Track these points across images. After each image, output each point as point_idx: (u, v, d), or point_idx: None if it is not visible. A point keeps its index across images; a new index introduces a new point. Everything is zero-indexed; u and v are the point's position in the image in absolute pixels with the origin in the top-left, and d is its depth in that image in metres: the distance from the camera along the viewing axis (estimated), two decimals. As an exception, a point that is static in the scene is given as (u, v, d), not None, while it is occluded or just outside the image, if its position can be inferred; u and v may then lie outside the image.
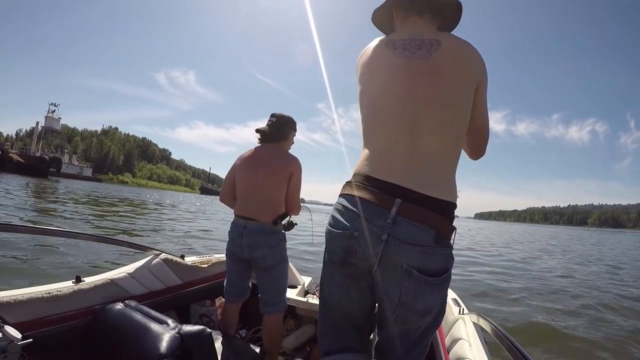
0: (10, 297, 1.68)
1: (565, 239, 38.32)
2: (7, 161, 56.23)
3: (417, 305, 1.17)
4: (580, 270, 12.66)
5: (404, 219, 1.13)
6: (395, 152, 1.22)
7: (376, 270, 1.18)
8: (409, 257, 1.13)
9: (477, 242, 22.34)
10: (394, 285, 1.17)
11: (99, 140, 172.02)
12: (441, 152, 1.22)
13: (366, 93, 1.36)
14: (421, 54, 1.25)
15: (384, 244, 1.14)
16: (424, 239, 1.13)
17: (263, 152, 2.46)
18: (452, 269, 1.22)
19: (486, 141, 1.42)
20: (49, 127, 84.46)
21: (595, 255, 19.39)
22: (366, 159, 1.30)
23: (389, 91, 1.29)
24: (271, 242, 2.34)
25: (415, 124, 1.21)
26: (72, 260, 6.25)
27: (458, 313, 2.20)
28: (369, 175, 1.25)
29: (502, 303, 6.88)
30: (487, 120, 1.38)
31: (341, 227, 1.25)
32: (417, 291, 1.15)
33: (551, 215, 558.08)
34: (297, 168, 2.41)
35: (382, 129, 1.28)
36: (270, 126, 2.48)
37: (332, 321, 1.40)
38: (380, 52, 1.34)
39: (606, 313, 6.74)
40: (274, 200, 2.38)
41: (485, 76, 1.30)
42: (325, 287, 1.40)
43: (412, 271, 1.13)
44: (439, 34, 1.30)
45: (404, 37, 1.31)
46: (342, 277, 1.30)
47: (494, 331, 1.46)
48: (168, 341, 1.51)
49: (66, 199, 21.03)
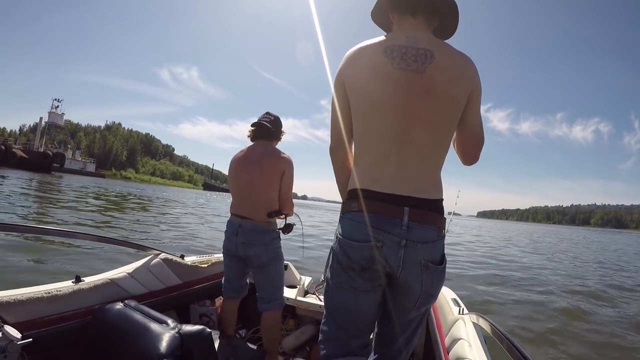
0: (10, 296, 1.68)
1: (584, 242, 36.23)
2: (11, 156, 56.26)
3: (434, 290, 1.37)
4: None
5: (415, 223, 1.28)
6: (387, 167, 1.32)
7: (401, 272, 1.31)
8: (424, 254, 1.30)
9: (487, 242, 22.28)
10: (415, 279, 1.32)
11: (102, 135, 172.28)
12: (429, 161, 1.34)
13: (362, 105, 1.36)
14: (417, 67, 1.28)
15: (404, 248, 1.28)
16: (431, 236, 1.31)
17: (255, 151, 2.49)
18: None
19: (479, 148, 1.47)
20: (53, 122, 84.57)
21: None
22: (361, 174, 1.38)
23: (383, 107, 1.32)
24: (265, 240, 2.39)
25: (404, 139, 1.30)
26: (71, 259, 6.25)
27: (458, 313, 2.20)
28: (371, 189, 1.33)
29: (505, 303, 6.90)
30: (479, 128, 1.43)
31: (361, 239, 1.32)
32: (433, 279, 1.34)
33: (554, 214, 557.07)
34: (288, 166, 2.45)
35: (374, 144, 1.35)
36: (269, 123, 2.52)
37: (343, 327, 1.44)
38: (378, 61, 1.33)
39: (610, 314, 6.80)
40: (267, 199, 2.42)
41: (478, 87, 1.35)
42: (338, 293, 1.42)
43: (428, 264, 1.31)
44: (434, 43, 1.33)
45: (401, 44, 1.32)
46: (363, 280, 1.35)
47: (494, 331, 1.48)
48: (168, 341, 1.52)
49: (70, 194, 21.07)
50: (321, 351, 1.47)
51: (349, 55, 1.40)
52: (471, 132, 1.42)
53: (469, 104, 1.35)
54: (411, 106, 1.28)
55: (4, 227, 1.88)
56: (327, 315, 1.49)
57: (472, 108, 1.37)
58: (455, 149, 1.52)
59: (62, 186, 29.02)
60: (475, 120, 1.40)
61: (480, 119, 1.42)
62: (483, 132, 1.45)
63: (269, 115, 2.57)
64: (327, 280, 1.47)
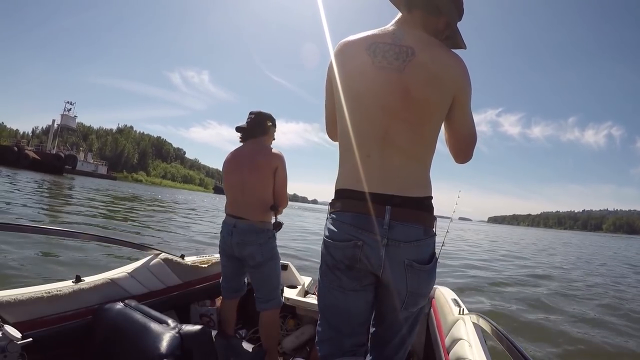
0: (10, 296, 1.68)
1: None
2: (23, 158, 56.76)
3: (421, 291, 1.33)
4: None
5: (397, 222, 1.26)
6: (369, 166, 1.30)
7: (383, 271, 1.29)
8: (407, 253, 1.27)
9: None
10: (399, 279, 1.29)
11: (114, 138, 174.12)
12: (412, 160, 1.30)
13: (344, 103, 1.35)
14: (397, 65, 1.25)
15: (386, 247, 1.26)
16: (416, 235, 1.28)
17: (245, 150, 2.51)
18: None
19: (471, 147, 1.43)
20: (65, 125, 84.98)
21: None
22: (346, 174, 1.38)
23: (364, 106, 1.31)
24: (259, 240, 2.40)
25: (385, 139, 1.28)
26: (72, 259, 6.26)
27: (458, 313, 2.19)
28: (353, 189, 1.32)
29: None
30: (469, 128, 1.39)
31: (343, 238, 1.32)
32: (419, 279, 1.30)
33: (565, 220, 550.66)
34: (280, 162, 2.45)
35: (356, 143, 1.33)
36: (249, 123, 2.53)
37: (335, 327, 1.43)
38: (360, 59, 1.31)
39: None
40: (261, 197, 2.42)
41: (464, 88, 1.30)
42: (328, 293, 1.42)
43: (412, 264, 1.27)
44: (419, 41, 1.28)
45: (385, 41, 1.29)
46: (349, 279, 1.35)
47: (494, 331, 1.48)
48: (168, 341, 1.51)
49: (80, 196, 21.24)
50: (318, 352, 1.47)
51: (337, 50, 1.39)
52: (460, 133, 1.39)
53: (455, 105, 1.30)
54: (390, 105, 1.26)
55: (4, 227, 1.87)
56: (320, 316, 1.48)
57: (459, 109, 1.32)
58: (447, 146, 1.49)
59: (75, 188, 29.22)
60: (463, 121, 1.36)
61: (470, 119, 1.37)
62: (474, 131, 1.40)
63: (251, 114, 2.57)
64: (318, 280, 1.47)
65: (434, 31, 1.37)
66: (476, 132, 1.42)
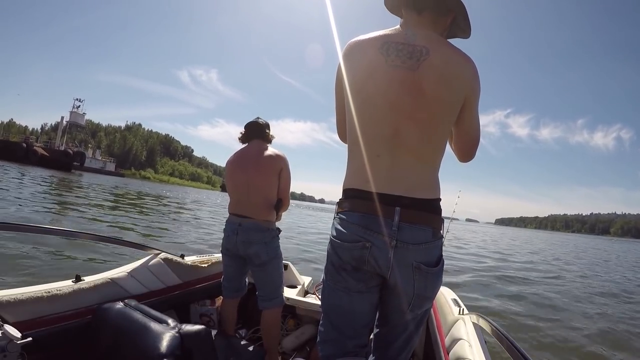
0: (9, 296, 1.68)
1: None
2: (32, 154, 56.99)
3: (428, 293, 1.33)
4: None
5: (406, 223, 1.25)
6: (378, 166, 1.29)
7: (391, 273, 1.28)
8: (416, 255, 1.27)
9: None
10: (407, 281, 1.29)
11: (122, 135, 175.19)
12: (422, 161, 1.30)
13: (354, 102, 1.35)
14: (410, 64, 1.25)
15: (394, 249, 1.25)
16: (425, 237, 1.27)
17: (251, 150, 2.53)
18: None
19: (476, 147, 1.46)
20: (74, 122, 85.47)
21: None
22: (354, 173, 1.37)
23: (375, 105, 1.30)
24: (265, 239, 2.41)
25: (395, 138, 1.27)
26: (72, 259, 6.26)
27: (458, 313, 2.19)
28: (361, 189, 1.32)
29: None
30: (476, 131, 1.40)
31: (351, 239, 1.31)
32: (427, 281, 1.30)
33: (573, 223, 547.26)
34: (285, 164, 2.50)
35: (366, 143, 1.32)
36: (252, 125, 2.58)
37: (338, 327, 1.42)
38: (373, 58, 1.30)
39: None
40: (266, 197, 2.44)
41: (475, 90, 1.31)
42: (332, 293, 1.42)
43: (420, 266, 1.27)
44: (432, 40, 1.29)
45: (398, 41, 1.29)
46: (355, 280, 1.35)
47: (494, 331, 1.49)
48: (168, 340, 1.51)
49: (87, 193, 21.37)
50: (319, 352, 1.47)
51: (347, 50, 1.39)
52: (467, 134, 1.41)
53: (466, 106, 1.31)
54: (402, 104, 1.25)
55: (5, 226, 1.87)
56: (323, 316, 1.48)
57: (469, 111, 1.33)
58: (451, 145, 1.50)
59: (83, 184, 29.38)
60: (471, 123, 1.38)
61: (477, 121, 1.39)
62: (479, 133, 1.42)
63: (259, 119, 2.62)
64: (323, 280, 1.47)
65: (443, 29, 1.38)
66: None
